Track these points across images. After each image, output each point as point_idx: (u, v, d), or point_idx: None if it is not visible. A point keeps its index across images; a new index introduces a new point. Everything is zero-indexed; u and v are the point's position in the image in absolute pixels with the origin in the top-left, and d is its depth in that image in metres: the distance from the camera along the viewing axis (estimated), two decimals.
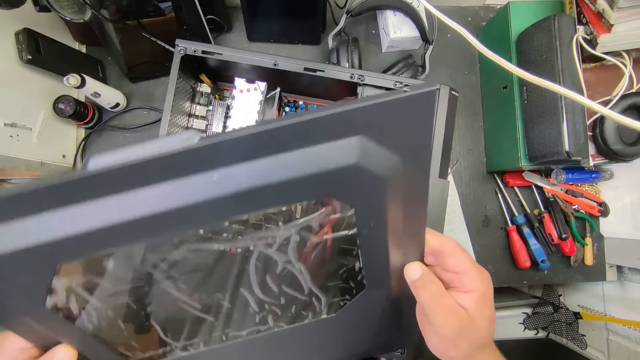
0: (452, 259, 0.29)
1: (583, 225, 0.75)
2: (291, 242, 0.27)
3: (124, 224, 0.20)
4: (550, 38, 0.58)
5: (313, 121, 0.19)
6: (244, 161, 0.20)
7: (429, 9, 0.45)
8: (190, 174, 0.19)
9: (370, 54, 0.74)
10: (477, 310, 0.28)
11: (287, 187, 0.20)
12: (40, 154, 0.60)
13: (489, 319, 0.28)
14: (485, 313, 0.28)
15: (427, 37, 0.65)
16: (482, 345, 0.29)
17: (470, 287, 0.28)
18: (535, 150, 0.60)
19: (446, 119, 0.49)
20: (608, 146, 0.63)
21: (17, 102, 0.56)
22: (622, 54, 0.63)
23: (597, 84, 0.65)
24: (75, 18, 0.51)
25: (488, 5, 0.78)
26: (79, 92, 0.64)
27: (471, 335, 0.28)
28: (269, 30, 0.71)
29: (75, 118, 0.63)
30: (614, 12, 0.53)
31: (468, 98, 0.75)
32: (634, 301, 0.73)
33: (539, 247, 0.71)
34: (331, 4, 0.69)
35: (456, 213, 0.73)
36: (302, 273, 0.29)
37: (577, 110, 0.56)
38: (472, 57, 0.76)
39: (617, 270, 0.77)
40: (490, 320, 0.29)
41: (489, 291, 0.29)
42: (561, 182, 0.71)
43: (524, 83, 0.62)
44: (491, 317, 0.29)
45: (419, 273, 0.28)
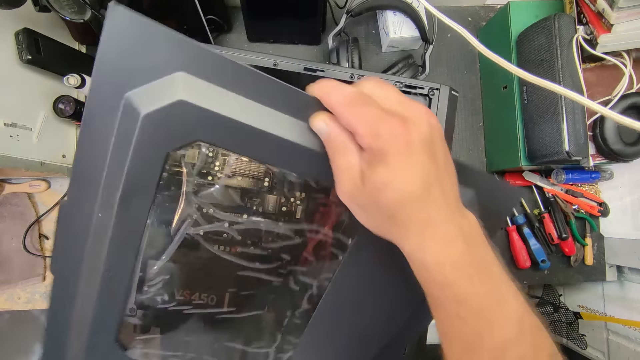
0: (335, 112, 0.25)
1: (583, 225, 0.75)
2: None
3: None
4: (550, 38, 0.58)
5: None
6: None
7: (429, 9, 0.45)
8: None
9: (370, 54, 0.74)
10: (368, 172, 0.23)
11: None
12: (40, 154, 0.60)
13: (387, 186, 0.23)
14: (377, 177, 0.23)
15: (427, 37, 0.65)
16: (398, 219, 0.24)
17: (362, 144, 0.24)
18: (535, 150, 0.60)
19: (446, 119, 0.49)
20: (608, 146, 0.63)
21: (17, 102, 0.56)
22: (622, 54, 0.63)
23: (597, 84, 0.65)
24: (75, 18, 0.51)
25: (488, 5, 0.78)
26: (79, 92, 0.64)
27: (361, 202, 0.25)
28: (269, 31, 0.71)
29: (75, 118, 0.63)
30: (614, 12, 0.53)
31: (468, 98, 0.75)
32: (634, 301, 0.73)
33: (539, 247, 0.71)
34: (331, 4, 0.69)
35: None
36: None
37: (577, 110, 0.56)
38: (472, 57, 0.76)
39: (617, 270, 0.77)
40: (390, 187, 0.23)
41: (392, 151, 0.23)
42: (561, 182, 0.71)
43: (524, 83, 0.62)
44: (393, 184, 0.23)
45: (320, 125, 0.25)
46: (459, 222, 0.25)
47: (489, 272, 0.25)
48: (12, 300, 0.67)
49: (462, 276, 0.24)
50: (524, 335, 0.25)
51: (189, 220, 0.31)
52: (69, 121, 0.64)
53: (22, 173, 0.62)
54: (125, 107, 0.24)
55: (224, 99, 0.25)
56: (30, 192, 0.68)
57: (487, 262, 0.25)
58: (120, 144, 0.25)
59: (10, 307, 0.67)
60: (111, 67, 0.24)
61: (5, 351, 1.53)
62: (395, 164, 0.23)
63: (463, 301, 0.24)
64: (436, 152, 0.24)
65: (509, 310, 0.25)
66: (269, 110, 0.26)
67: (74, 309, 0.30)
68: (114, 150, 0.25)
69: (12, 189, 0.67)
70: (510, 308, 0.25)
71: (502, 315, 0.25)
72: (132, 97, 0.24)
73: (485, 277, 0.25)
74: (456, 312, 0.25)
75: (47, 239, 0.68)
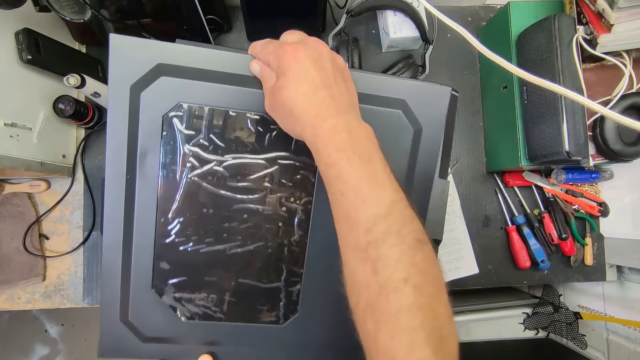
0: (256, 56, 0.37)
1: (583, 225, 0.75)
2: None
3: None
4: (550, 38, 0.58)
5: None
6: None
7: (429, 9, 0.45)
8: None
9: (370, 54, 0.74)
10: (275, 85, 0.34)
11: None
12: (40, 154, 0.60)
13: (283, 88, 0.32)
14: (278, 84, 0.33)
15: (427, 37, 0.65)
16: (296, 114, 0.32)
17: (273, 69, 0.35)
18: (535, 150, 0.60)
19: (446, 119, 0.49)
20: (608, 146, 0.63)
21: (17, 102, 0.56)
22: (622, 54, 0.63)
23: (597, 84, 0.65)
24: (75, 18, 0.51)
25: (488, 5, 0.78)
26: (79, 92, 0.64)
27: (274, 108, 0.35)
28: (269, 30, 0.70)
29: (75, 118, 0.63)
30: (614, 12, 0.53)
31: (468, 98, 0.75)
32: (634, 301, 0.73)
33: (539, 247, 0.71)
34: (331, 4, 0.69)
35: (456, 213, 0.73)
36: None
37: (577, 110, 0.56)
38: (472, 57, 0.76)
39: (617, 270, 0.77)
40: (285, 89, 0.32)
41: (286, 65, 0.32)
42: (561, 182, 0.71)
43: (524, 83, 0.62)
44: (288, 86, 0.32)
45: (253, 68, 0.37)
46: (347, 121, 0.32)
47: (370, 161, 0.31)
48: (12, 300, 0.67)
49: (344, 157, 0.30)
50: (393, 215, 0.30)
51: (189, 165, 0.39)
52: (69, 121, 0.65)
53: (22, 173, 0.62)
54: (131, 94, 0.36)
55: (194, 71, 0.37)
56: (30, 192, 0.68)
57: (370, 155, 0.31)
58: (132, 119, 0.37)
59: (10, 307, 0.67)
60: (119, 73, 0.36)
61: (5, 351, 1.53)
62: (289, 73, 0.32)
63: (344, 179, 0.30)
64: (324, 67, 0.33)
65: (383, 194, 0.30)
66: (227, 72, 0.37)
67: (120, 262, 0.39)
68: (130, 125, 0.37)
69: (12, 189, 0.67)
70: (385, 193, 0.30)
71: (376, 196, 0.30)
72: (134, 86, 0.36)
73: (365, 163, 0.30)
74: (340, 190, 0.31)
75: (47, 238, 0.68)
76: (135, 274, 0.39)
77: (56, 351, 1.54)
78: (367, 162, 0.31)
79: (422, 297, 0.28)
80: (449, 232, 0.72)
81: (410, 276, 0.28)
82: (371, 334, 0.28)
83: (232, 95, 0.38)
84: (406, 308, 0.27)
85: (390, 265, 0.28)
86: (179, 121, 0.38)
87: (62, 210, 0.68)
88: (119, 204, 0.38)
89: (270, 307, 0.42)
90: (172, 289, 0.40)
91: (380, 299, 0.28)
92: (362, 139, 0.32)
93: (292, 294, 0.42)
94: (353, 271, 0.30)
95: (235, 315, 0.42)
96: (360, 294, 0.30)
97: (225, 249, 0.40)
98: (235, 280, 0.41)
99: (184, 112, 0.38)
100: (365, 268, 0.29)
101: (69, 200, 0.68)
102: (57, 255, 0.67)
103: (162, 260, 0.40)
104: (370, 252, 0.29)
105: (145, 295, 0.40)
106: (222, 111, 0.38)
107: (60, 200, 0.67)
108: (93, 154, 0.69)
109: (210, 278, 0.41)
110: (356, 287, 0.30)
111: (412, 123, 0.41)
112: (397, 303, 0.27)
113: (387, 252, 0.29)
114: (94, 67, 0.68)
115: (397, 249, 0.29)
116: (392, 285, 0.28)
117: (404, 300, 0.27)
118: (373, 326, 0.28)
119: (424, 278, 0.29)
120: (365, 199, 0.30)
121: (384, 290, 0.28)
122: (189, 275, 0.40)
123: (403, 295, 0.27)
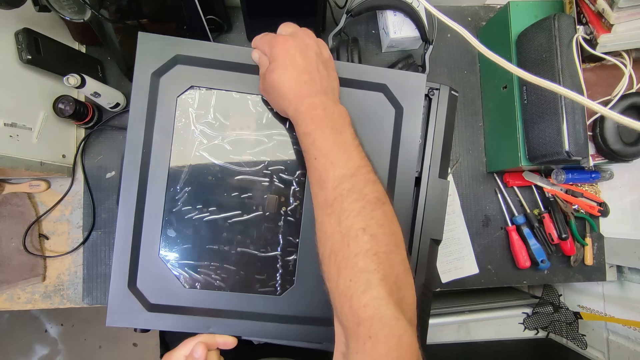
0: (256, 47, 0.43)
1: (583, 225, 0.75)
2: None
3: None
4: (550, 38, 0.58)
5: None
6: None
7: (429, 9, 0.45)
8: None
9: (370, 54, 0.74)
10: (268, 69, 0.39)
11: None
12: (40, 154, 0.60)
13: (273, 72, 0.38)
14: (270, 68, 0.39)
15: (427, 37, 0.65)
16: (283, 93, 0.38)
17: (268, 57, 0.41)
18: (535, 150, 0.60)
19: (446, 119, 0.49)
20: (608, 146, 0.63)
21: (17, 102, 0.56)
22: (622, 54, 0.63)
23: (597, 84, 0.65)
24: (75, 18, 0.51)
25: (488, 5, 0.78)
26: (79, 92, 0.64)
27: (267, 89, 0.40)
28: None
29: (75, 118, 0.63)
30: (614, 12, 0.53)
31: (468, 98, 0.75)
32: (634, 301, 0.73)
33: (538, 247, 0.71)
34: (331, 4, 0.69)
35: (456, 213, 0.73)
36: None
37: (577, 110, 0.56)
38: (472, 57, 0.76)
39: (617, 270, 0.77)
40: (274, 72, 0.38)
41: (277, 53, 0.39)
42: (561, 182, 0.71)
43: (524, 83, 0.62)
44: (277, 69, 0.38)
45: (254, 56, 0.43)
46: (324, 101, 0.37)
47: (340, 133, 0.36)
48: (12, 300, 0.67)
49: (318, 128, 0.36)
50: (357, 177, 0.35)
51: (197, 141, 0.44)
52: (69, 121, 0.65)
53: (22, 173, 0.62)
54: (152, 79, 0.43)
55: (205, 60, 0.44)
56: (30, 192, 0.68)
57: (340, 128, 0.37)
58: (151, 100, 0.43)
59: (10, 307, 0.67)
60: (143, 63, 0.43)
61: (5, 351, 1.53)
62: (279, 60, 0.38)
63: (317, 145, 0.36)
64: (308, 57, 0.39)
65: (350, 159, 0.35)
66: (232, 61, 0.44)
67: (132, 230, 0.43)
68: (149, 105, 0.43)
69: (12, 189, 0.67)
70: (351, 159, 0.35)
71: (344, 160, 0.35)
72: (155, 73, 0.43)
73: (336, 134, 0.36)
74: (314, 155, 0.36)
75: (47, 238, 0.68)
76: (145, 241, 0.43)
77: (56, 351, 1.54)
78: (338, 133, 0.36)
79: (378, 246, 0.32)
80: (449, 232, 0.72)
81: (368, 226, 0.32)
82: (334, 278, 0.32)
83: (235, 80, 0.44)
84: (363, 252, 0.31)
85: (351, 216, 0.33)
86: (191, 102, 0.44)
87: (62, 210, 0.68)
88: (135, 174, 0.43)
89: (268, 277, 0.45)
90: (177, 256, 0.44)
91: (342, 246, 0.32)
92: (336, 116, 0.37)
93: (289, 265, 0.45)
94: (322, 224, 0.35)
95: (235, 285, 0.44)
96: (326, 244, 0.34)
97: (226, 218, 0.44)
98: (235, 249, 0.44)
99: (195, 94, 0.44)
100: (331, 220, 0.34)
101: (69, 200, 0.68)
102: (57, 255, 0.67)
103: (169, 228, 0.44)
104: (335, 207, 0.34)
105: (153, 262, 0.43)
106: (227, 94, 0.45)
107: (60, 200, 0.67)
108: (93, 154, 0.69)
109: (212, 246, 0.44)
110: (323, 238, 0.34)
111: (392, 104, 0.47)
112: (355, 248, 0.31)
113: (350, 206, 0.33)
114: (94, 67, 0.68)
115: (358, 203, 0.33)
116: (353, 233, 0.32)
117: (362, 246, 0.31)
118: (335, 270, 0.32)
119: (382, 230, 0.33)
120: (334, 162, 0.35)
121: (345, 238, 0.32)
122: (193, 243, 0.44)
123: (361, 242, 0.32)
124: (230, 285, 0.44)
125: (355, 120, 0.43)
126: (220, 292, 0.44)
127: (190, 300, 0.44)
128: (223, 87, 0.44)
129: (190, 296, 0.44)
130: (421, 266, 0.47)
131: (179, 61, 0.43)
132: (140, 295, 0.43)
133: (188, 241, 0.44)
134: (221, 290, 0.44)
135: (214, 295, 0.44)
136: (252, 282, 0.45)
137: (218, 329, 0.43)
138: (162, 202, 0.43)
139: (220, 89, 0.44)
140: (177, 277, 0.44)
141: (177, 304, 0.43)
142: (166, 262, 0.44)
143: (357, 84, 0.46)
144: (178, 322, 0.43)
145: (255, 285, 0.45)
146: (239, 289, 0.44)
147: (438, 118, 0.48)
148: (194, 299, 0.44)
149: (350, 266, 0.31)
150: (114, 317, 0.43)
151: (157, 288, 0.43)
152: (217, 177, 0.44)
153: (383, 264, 0.31)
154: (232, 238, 0.44)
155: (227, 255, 0.44)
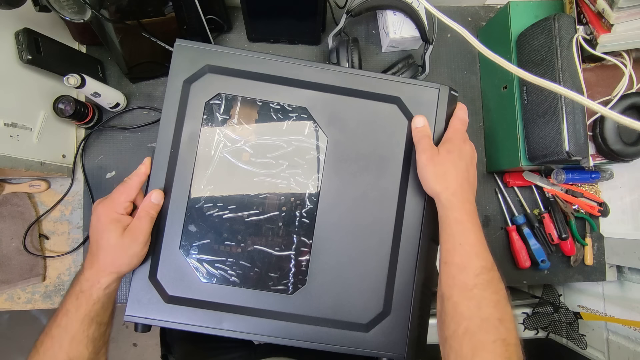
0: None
1: (583, 225, 0.75)
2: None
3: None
4: (550, 38, 0.58)
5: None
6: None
7: (429, 9, 0.45)
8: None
9: (370, 54, 0.74)
10: (438, 151, 0.45)
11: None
12: (40, 154, 0.60)
13: (443, 163, 0.44)
14: (443, 156, 0.45)
15: (427, 37, 0.65)
16: (445, 183, 0.44)
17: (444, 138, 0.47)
18: (535, 150, 0.60)
19: (446, 119, 0.49)
20: (608, 146, 0.63)
21: (17, 102, 0.56)
22: (622, 54, 0.63)
23: (597, 84, 0.65)
24: (75, 18, 0.51)
25: (488, 5, 0.78)
26: (79, 92, 0.64)
27: (430, 168, 0.44)
28: (269, 30, 0.71)
29: (75, 118, 0.63)
30: (614, 12, 0.53)
31: (468, 98, 0.75)
32: (634, 301, 0.73)
33: (539, 247, 0.71)
34: (331, 4, 0.69)
35: None
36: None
37: (577, 110, 0.56)
38: (472, 57, 0.76)
39: (617, 270, 0.77)
40: (443, 165, 0.44)
41: (453, 149, 0.45)
42: (561, 182, 0.71)
43: (524, 83, 0.62)
44: (447, 164, 0.44)
45: (422, 122, 0.47)
46: (472, 200, 0.45)
47: (481, 231, 0.43)
48: (12, 300, 0.67)
49: (469, 221, 0.42)
50: (494, 272, 0.41)
51: (222, 143, 0.47)
52: (69, 121, 0.65)
53: (22, 173, 0.62)
54: (183, 86, 0.46)
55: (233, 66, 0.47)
56: (30, 192, 0.68)
57: (479, 225, 0.43)
58: (181, 105, 0.46)
59: (10, 307, 0.67)
60: (177, 70, 0.46)
61: (5, 351, 1.53)
62: (453, 155, 0.45)
63: (467, 235, 0.42)
64: (468, 165, 0.46)
65: (488, 256, 0.42)
66: (256, 72, 0.48)
67: (158, 224, 0.45)
68: (179, 109, 0.46)
69: (12, 189, 0.67)
70: (488, 255, 0.42)
71: (484, 254, 0.42)
72: (187, 80, 0.46)
73: (479, 230, 0.43)
74: (459, 241, 0.42)
75: (47, 238, 0.68)
76: (168, 234, 0.45)
77: None
78: (479, 230, 0.43)
79: (510, 338, 0.37)
80: None
81: (504, 319, 0.38)
82: (467, 356, 0.37)
83: (260, 88, 0.47)
84: (500, 340, 0.36)
85: (490, 306, 0.38)
86: (217, 107, 0.47)
87: (62, 210, 0.68)
88: (162, 172, 0.46)
89: (281, 276, 0.47)
90: (196, 251, 0.46)
91: (480, 330, 0.37)
92: (475, 214, 0.44)
93: (302, 265, 0.47)
94: (458, 305, 0.39)
95: (249, 281, 0.46)
96: (460, 323, 0.38)
97: (244, 216, 0.47)
98: (252, 246, 0.47)
99: (221, 101, 0.47)
100: (470, 304, 0.38)
101: (69, 200, 0.68)
102: (57, 255, 0.67)
103: (191, 223, 0.46)
104: (476, 293, 0.39)
105: (173, 255, 0.45)
106: (251, 100, 0.48)
107: (60, 200, 0.67)
108: (93, 154, 0.69)
109: (230, 242, 0.47)
110: (457, 317, 0.39)
111: (406, 115, 0.49)
112: (494, 335, 0.37)
113: (490, 296, 0.39)
114: (94, 67, 0.68)
115: (496, 296, 0.39)
116: (492, 322, 0.37)
117: (499, 335, 0.37)
118: (470, 350, 0.37)
119: (512, 326, 0.38)
120: (478, 253, 0.41)
121: (484, 324, 0.37)
122: (212, 239, 0.46)
123: (498, 331, 0.37)
124: (244, 282, 0.46)
125: (368, 131, 0.48)
126: (234, 288, 0.46)
127: (205, 294, 0.45)
128: (248, 95, 0.47)
129: (206, 290, 0.45)
130: (421, 266, 0.47)
131: (210, 70, 0.46)
132: (160, 286, 0.45)
133: (207, 236, 0.46)
134: (235, 286, 0.46)
135: (228, 291, 0.46)
136: (265, 280, 0.46)
137: (230, 324, 0.45)
138: (185, 198, 0.46)
139: (246, 97, 0.47)
140: (195, 270, 0.45)
141: (193, 297, 0.45)
142: (186, 256, 0.46)
143: (371, 96, 0.48)
144: (192, 317, 0.45)
145: (268, 283, 0.46)
146: (253, 286, 0.46)
147: (438, 118, 0.48)
148: (210, 293, 0.45)
149: (488, 350, 0.36)
150: (134, 307, 0.44)
151: (175, 280, 0.45)
152: (238, 178, 0.47)
153: (512, 356, 0.36)
154: (248, 236, 0.47)
155: (243, 252, 0.46)
